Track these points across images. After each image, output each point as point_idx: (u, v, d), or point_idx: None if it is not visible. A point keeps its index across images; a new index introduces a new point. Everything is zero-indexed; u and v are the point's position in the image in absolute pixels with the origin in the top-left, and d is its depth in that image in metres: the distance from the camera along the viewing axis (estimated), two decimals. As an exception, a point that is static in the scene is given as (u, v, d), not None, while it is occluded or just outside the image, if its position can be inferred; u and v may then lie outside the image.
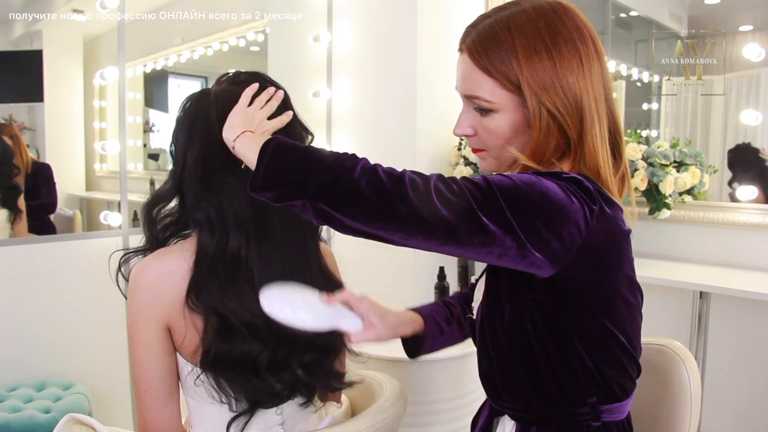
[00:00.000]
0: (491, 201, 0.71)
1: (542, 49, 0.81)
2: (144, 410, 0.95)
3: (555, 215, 0.74)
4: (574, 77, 0.81)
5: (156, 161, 2.73)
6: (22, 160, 2.14)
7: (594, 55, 0.84)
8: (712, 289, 1.88)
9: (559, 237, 0.74)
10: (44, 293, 1.98)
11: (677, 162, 2.11)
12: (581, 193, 0.77)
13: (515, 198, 0.72)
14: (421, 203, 0.70)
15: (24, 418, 1.67)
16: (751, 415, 2.11)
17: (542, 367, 0.86)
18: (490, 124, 0.86)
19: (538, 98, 0.81)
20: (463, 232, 0.71)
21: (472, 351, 1.78)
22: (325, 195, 0.72)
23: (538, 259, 0.74)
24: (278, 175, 0.74)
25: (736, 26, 2.30)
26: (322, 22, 2.67)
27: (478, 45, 0.84)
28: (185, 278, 0.92)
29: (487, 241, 0.72)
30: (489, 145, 0.89)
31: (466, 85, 0.87)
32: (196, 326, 0.92)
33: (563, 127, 0.82)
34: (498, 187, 0.72)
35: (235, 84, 0.99)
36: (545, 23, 0.82)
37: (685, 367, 1.06)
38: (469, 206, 0.71)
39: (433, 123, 2.48)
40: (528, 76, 0.81)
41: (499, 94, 0.83)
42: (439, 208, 0.70)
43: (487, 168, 0.92)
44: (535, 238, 0.73)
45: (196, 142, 0.94)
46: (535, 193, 0.74)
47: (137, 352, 0.94)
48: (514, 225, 0.71)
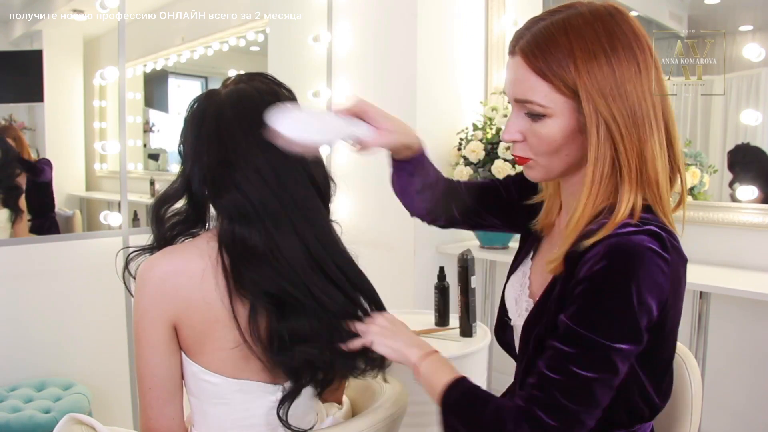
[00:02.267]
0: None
1: (601, 54, 0.78)
2: (147, 408, 0.95)
3: (646, 299, 0.76)
4: (632, 84, 0.79)
5: (156, 161, 2.73)
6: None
7: (651, 64, 0.82)
8: (712, 289, 1.88)
9: (652, 309, 0.78)
10: (44, 293, 1.98)
11: (677, 162, 2.11)
12: (658, 249, 0.76)
13: (611, 330, 0.77)
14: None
15: (24, 418, 1.67)
16: (751, 415, 2.11)
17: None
18: (542, 130, 0.83)
19: (595, 104, 0.78)
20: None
21: (472, 351, 1.79)
22: None
23: (635, 349, 0.79)
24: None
25: (736, 26, 2.30)
26: (322, 22, 2.67)
27: (534, 47, 0.81)
28: (193, 277, 0.92)
29: (626, 361, 0.79)
30: (539, 152, 0.85)
31: (518, 89, 0.83)
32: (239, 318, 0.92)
33: (616, 136, 0.79)
34: (596, 339, 0.77)
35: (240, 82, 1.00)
36: (603, 28, 0.80)
37: (686, 368, 1.06)
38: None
39: (433, 123, 2.48)
40: (586, 81, 0.78)
41: (554, 98, 0.80)
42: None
43: (534, 177, 0.90)
44: (645, 328, 0.78)
45: (208, 140, 0.95)
46: (625, 302, 0.76)
47: (142, 350, 0.93)
48: (626, 352, 0.77)
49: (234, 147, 0.92)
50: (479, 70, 2.71)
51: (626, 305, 0.75)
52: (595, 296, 0.77)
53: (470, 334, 1.91)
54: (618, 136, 0.79)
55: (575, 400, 0.77)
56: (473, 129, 2.45)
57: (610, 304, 0.76)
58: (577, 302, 0.78)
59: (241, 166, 0.92)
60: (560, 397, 0.77)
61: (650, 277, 0.75)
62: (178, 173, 0.99)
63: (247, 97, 0.95)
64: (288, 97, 1.01)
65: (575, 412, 0.77)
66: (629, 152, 0.79)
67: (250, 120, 0.94)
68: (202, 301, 0.92)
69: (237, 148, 0.92)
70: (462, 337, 1.89)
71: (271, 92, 0.98)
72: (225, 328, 0.92)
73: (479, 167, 2.34)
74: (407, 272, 2.43)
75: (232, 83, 1.01)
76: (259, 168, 0.92)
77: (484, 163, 2.32)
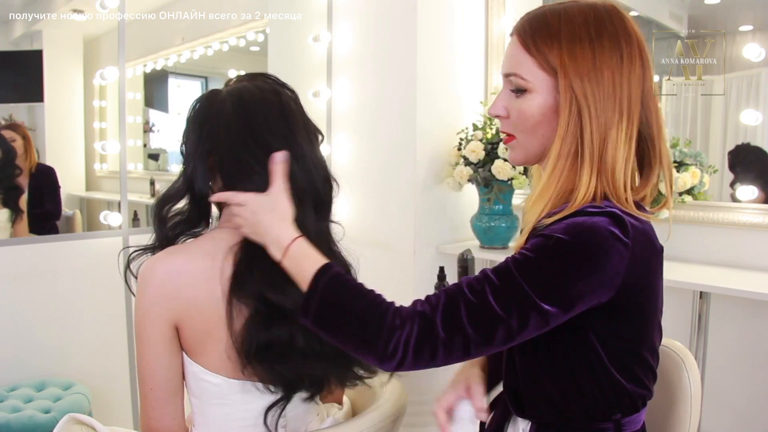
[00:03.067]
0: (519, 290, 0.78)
1: (585, 38, 0.82)
2: (148, 408, 0.95)
3: (593, 273, 0.78)
4: (610, 71, 0.82)
5: (156, 161, 2.73)
6: (28, 161, 2.15)
7: (637, 59, 0.84)
8: (712, 289, 1.88)
9: (594, 291, 0.79)
10: (44, 293, 1.98)
11: (677, 162, 2.11)
12: (617, 232, 0.79)
13: (553, 283, 0.78)
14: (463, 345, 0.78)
15: (24, 418, 1.67)
16: (751, 415, 2.11)
17: (571, 387, 0.88)
18: (522, 105, 0.87)
19: (570, 82, 0.82)
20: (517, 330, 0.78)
21: (472, 351, 1.79)
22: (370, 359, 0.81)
23: (560, 315, 0.79)
24: (326, 326, 0.83)
25: (736, 26, 2.30)
26: (322, 22, 2.67)
27: (527, 26, 0.87)
28: (195, 277, 0.92)
29: (542, 323, 0.78)
30: (518, 128, 0.89)
31: (508, 63, 0.89)
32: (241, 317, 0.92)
33: (584, 115, 0.82)
34: (536, 286, 0.78)
35: (242, 81, 1.00)
36: (594, 17, 0.84)
37: (685, 368, 1.06)
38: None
39: (433, 123, 2.48)
40: (566, 60, 0.82)
41: (535, 73, 0.85)
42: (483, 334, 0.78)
43: (514, 159, 0.93)
44: (580, 302, 0.78)
45: (212, 140, 0.95)
46: (554, 262, 0.78)
47: (144, 350, 0.93)
48: (547, 312, 0.78)
49: (239, 147, 0.93)
50: (479, 70, 2.71)
51: (567, 272, 0.78)
52: (542, 253, 0.79)
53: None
54: (586, 116, 0.82)
55: (475, 328, 0.78)
56: (473, 129, 2.45)
57: (553, 265, 0.78)
58: (525, 251, 0.81)
59: (255, 152, 0.92)
60: (464, 316, 0.78)
61: (605, 257, 0.78)
62: (180, 173, 0.99)
63: (249, 95, 0.95)
64: (291, 97, 1.01)
65: (468, 337, 0.78)
66: (594, 133, 0.82)
67: (252, 119, 0.94)
68: (204, 301, 0.92)
69: (238, 150, 0.93)
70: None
71: (273, 91, 0.98)
72: (226, 328, 0.92)
73: (479, 167, 2.34)
74: (407, 272, 2.43)
75: (235, 82, 1.01)
76: (261, 171, 0.92)
77: (484, 163, 2.32)
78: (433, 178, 2.50)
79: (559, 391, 0.89)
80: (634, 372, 0.88)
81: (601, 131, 0.82)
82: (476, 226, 2.45)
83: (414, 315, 0.79)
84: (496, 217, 2.39)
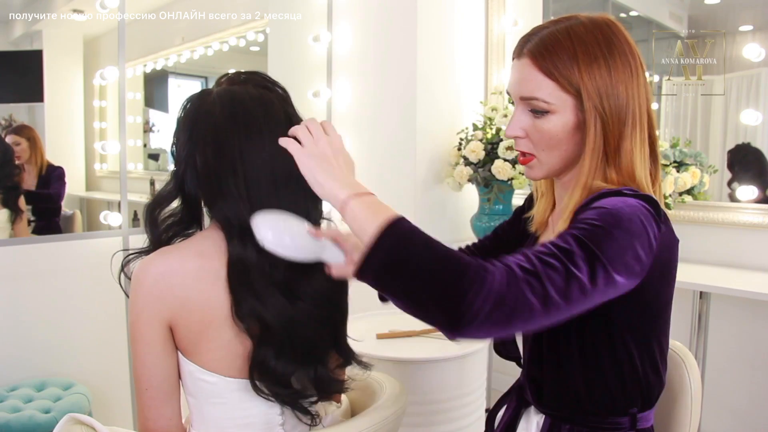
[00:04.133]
0: (587, 256, 0.75)
1: (600, 58, 0.88)
2: (145, 409, 0.95)
3: (638, 242, 0.78)
4: (623, 86, 0.88)
5: (156, 161, 2.73)
6: (36, 162, 2.16)
7: (640, 69, 0.91)
8: (712, 289, 1.88)
9: (640, 260, 0.78)
10: (44, 293, 1.98)
11: (677, 162, 2.11)
12: (653, 211, 0.83)
13: (608, 244, 0.76)
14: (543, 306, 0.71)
15: (24, 418, 1.67)
16: (751, 415, 2.11)
17: (596, 376, 0.90)
18: (544, 126, 0.90)
19: (593, 102, 0.87)
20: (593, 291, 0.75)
21: (473, 351, 1.79)
22: (445, 325, 0.71)
23: (626, 284, 0.78)
24: (390, 286, 0.73)
25: (736, 26, 2.30)
26: (322, 22, 2.67)
27: (542, 50, 0.89)
28: (188, 277, 0.92)
29: (609, 284, 0.76)
30: (540, 147, 0.92)
31: (524, 87, 0.91)
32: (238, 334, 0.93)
33: (607, 131, 0.88)
34: (594, 244, 0.76)
35: (235, 83, 0.99)
36: (602, 35, 0.89)
37: (685, 368, 1.06)
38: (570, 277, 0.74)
39: (433, 123, 2.48)
40: (587, 81, 0.87)
41: (558, 96, 0.88)
42: (563, 300, 0.73)
43: (534, 176, 0.97)
44: (627, 270, 0.77)
45: (200, 143, 0.94)
46: (621, 231, 0.78)
47: (139, 351, 0.93)
48: (611, 271, 0.75)
49: (224, 152, 0.92)
50: (479, 70, 2.71)
51: (629, 237, 0.78)
52: (602, 221, 0.78)
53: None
54: (608, 131, 0.88)
55: (552, 282, 0.72)
56: (473, 129, 2.45)
57: (616, 231, 0.77)
58: (583, 223, 0.79)
59: (231, 174, 0.92)
60: (541, 272, 0.72)
61: (645, 234, 0.80)
62: (171, 174, 0.98)
63: (239, 100, 0.94)
64: (283, 96, 1.01)
65: (547, 292, 0.72)
66: (612, 142, 0.88)
67: (240, 125, 0.93)
68: (198, 300, 0.92)
69: (227, 154, 0.92)
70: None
71: (261, 97, 0.97)
72: (221, 327, 0.92)
73: (479, 167, 2.34)
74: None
75: (226, 82, 1.00)
76: (248, 178, 0.91)
77: (484, 163, 2.32)
78: (433, 178, 2.50)
79: (584, 383, 0.91)
80: (654, 360, 0.92)
81: (615, 142, 0.88)
82: (476, 226, 2.45)
83: (496, 267, 0.72)
84: (496, 217, 2.39)
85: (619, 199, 0.82)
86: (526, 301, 0.70)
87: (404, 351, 1.75)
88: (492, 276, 0.70)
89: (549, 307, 0.71)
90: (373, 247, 0.73)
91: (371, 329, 1.93)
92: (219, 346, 0.93)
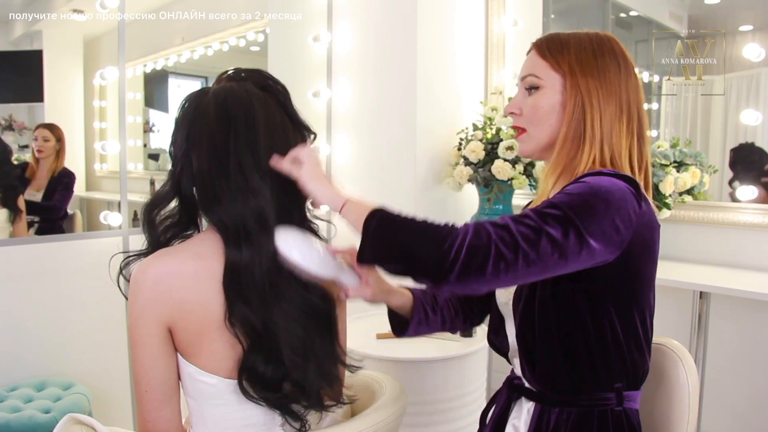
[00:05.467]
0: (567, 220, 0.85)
1: (589, 49, 1.01)
2: (144, 410, 0.95)
3: (616, 213, 0.87)
4: (612, 74, 0.99)
5: (156, 161, 2.73)
6: (55, 163, 2.18)
7: (633, 74, 1.01)
8: (712, 289, 1.88)
9: (618, 230, 0.87)
10: (44, 293, 1.98)
11: (677, 162, 2.11)
12: (633, 190, 0.90)
13: (584, 210, 0.86)
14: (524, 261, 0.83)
15: (24, 418, 1.67)
16: (751, 415, 2.11)
17: (580, 350, 0.96)
18: (534, 100, 1.03)
19: (577, 81, 0.99)
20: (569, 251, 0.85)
21: (473, 351, 1.79)
22: (432, 277, 0.84)
23: (604, 252, 0.87)
24: (383, 256, 0.88)
25: (736, 26, 2.30)
26: (322, 22, 2.67)
27: (544, 41, 1.05)
28: (187, 279, 0.92)
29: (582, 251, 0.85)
30: (529, 120, 1.04)
31: (526, 66, 1.05)
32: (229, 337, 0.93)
33: (587, 108, 0.98)
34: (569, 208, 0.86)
35: (233, 80, 0.99)
36: (597, 41, 1.02)
37: (683, 366, 1.06)
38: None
39: (433, 123, 2.48)
40: (574, 63, 1.00)
41: (548, 73, 1.02)
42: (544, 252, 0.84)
43: (524, 151, 1.07)
44: (604, 237, 0.86)
45: (197, 144, 0.94)
46: (599, 200, 0.87)
47: (138, 353, 0.93)
48: (584, 233, 0.85)
49: (218, 155, 0.92)
50: (479, 70, 2.71)
51: (606, 207, 0.87)
52: (579, 191, 0.88)
53: (470, 335, 1.91)
54: (588, 109, 0.98)
55: (524, 238, 0.84)
56: (473, 129, 2.45)
57: (593, 200, 0.87)
58: (562, 193, 0.90)
59: (224, 177, 0.91)
60: (513, 229, 0.84)
61: (624, 207, 0.88)
62: (168, 175, 0.98)
63: (234, 100, 0.94)
64: (283, 94, 1.01)
65: (518, 246, 0.83)
66: (595, 122, 0.97)
67: (233, 125, 0.92)
68: (196, 302, 0.92)
69: (221, 157, 0.92)
70: (462, 338, 1.89)
71: (260, 95, 0.97)
72: (219, 328, 0.92)
73: (479, 167, 2.34)
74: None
75: (226, 80, 1.00)
76: (241, 179, 0.91)
77: (484, 163, 2.32)
78: (433, 178, 2.50)
79: (571, 356, 0.96)
80: (638, 336, 0.97)
81: (605, 123, 0.98)
82: (476, 226, 2.45)
83: (468, 225, 0.86)
84: (496, 217, 2.39)
85: (600, 177, 0.91)
86: (497, 251, 0.82)
87: (404, 351, 1.75)
88: (463, 231, 0.84)
89: (520, 257, 0.82)
90: (364, 226, 0.88)
91: (371, 329, 1.93)
92: (218, 348, 0.93)
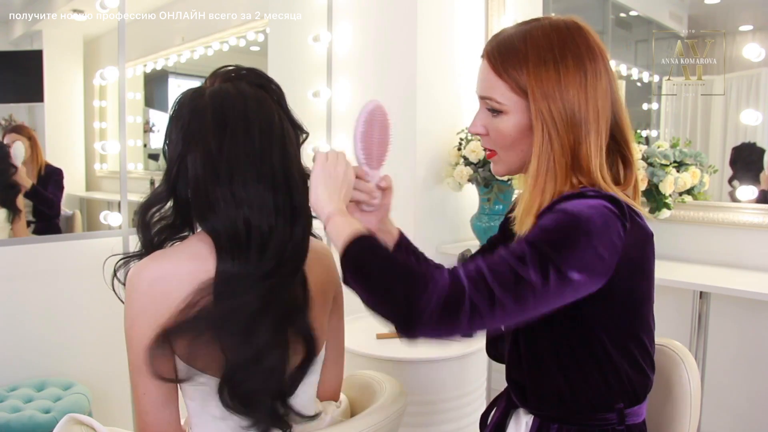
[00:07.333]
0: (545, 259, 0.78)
1: (550, 61, 0.88)
2: (143, 413, 0.94)
3: (599, 243, 0.80)
4: (575, 90, 0.88)
5: (156, 161, 2.73)
6: (36, 162, 2.16)
7: (603, 73, 0.90)
8: (712, 289, 1.88)
9: (603, 259, 0.80)
10: (44, 293, 1.98)
11: (677, 162, 2.11)
12: (617, 211, 0.83)
13: (563, 245, 0.79)
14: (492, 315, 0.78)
15: (24, 418, 1.67)
16: (751, 415, 2.11)
17: (573, 376, 0.91)
18: (499, 125, 0.93)
19: (538, 105, 0.88)
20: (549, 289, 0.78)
21: (473, 351, 1.79)
22: (399, 324, 0.81)
23: (588, 283, 0.80)
24: (356, 285, 0.84)
25: (736, 26, 2.30)
26: (322, 22, 2.67)
27: (496, 52, 0.92)
28: (183, 280, 0.91)
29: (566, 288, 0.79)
30: (498, 145, 0.96)
31: (482, 87, 0.95)
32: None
33: (553, 135, 0.88)
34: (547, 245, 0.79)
35: (229, 81, 0.98)
36: (557, 38, 0.89)
37: (685, 367, 1.06)
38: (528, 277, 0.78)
39: (433, 123, 2.48)
40: (534, 84, 0.88)
41: (509, 97, 0.91)
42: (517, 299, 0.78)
43: (498, 172, 1.00)
44: (587, 269, 0.79)
45: (193, 149, 0.93)
46: (579, 233, 0.80)
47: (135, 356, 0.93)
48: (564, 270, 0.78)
49: (213, 161, 0.90)
50: (479, 70, 2.71)
51: (588, 238, 0.80)
52: (557, 224, 0.81)
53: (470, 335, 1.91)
54: (555, 134, 0.88)
55: (501, 286, 0.78)
56: (473, 129, 2.45)
57: (573, 233, 0.80)
58: (538, 228, 0.83)
59: (218, 184, 0.90)
60: (488, 277, 0.78)
61: (606, 234, 0.81)
62: (163, 176, 0.97)
63: (231, 102, 0.92)
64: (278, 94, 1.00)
65: (494, 294, 0.77)
66: (564, 148, 0.88)
67: (230, 129, 0.91)
68: None
69: (216, 163, 0.91)
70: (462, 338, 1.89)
71: (256, 95, 0.96)
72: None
73: (479, 167, 2.34)
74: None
75: (221, 78, 0.98)
76: (236, 193, 0.89)
77: (484, 163, 2.32)
78: (433, 178, 2.50)
79: (565, 382, 0.92)
80: (634, 357, 0.91)
81: (571, 146, 0.88)
82: (476, 226, 2.45)
83: (445, 276, 0.80)
84: (496, 217, 2.39)
85: (579, 201, 0.83)
86: (470, 302, 0.77)
87: (404, 351, 1.75)
88: (435, 281, 0.78)
89: (497, 307, 0.77)
90: (342, 253, 0.84)
91: (371, 329, 1.93)
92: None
